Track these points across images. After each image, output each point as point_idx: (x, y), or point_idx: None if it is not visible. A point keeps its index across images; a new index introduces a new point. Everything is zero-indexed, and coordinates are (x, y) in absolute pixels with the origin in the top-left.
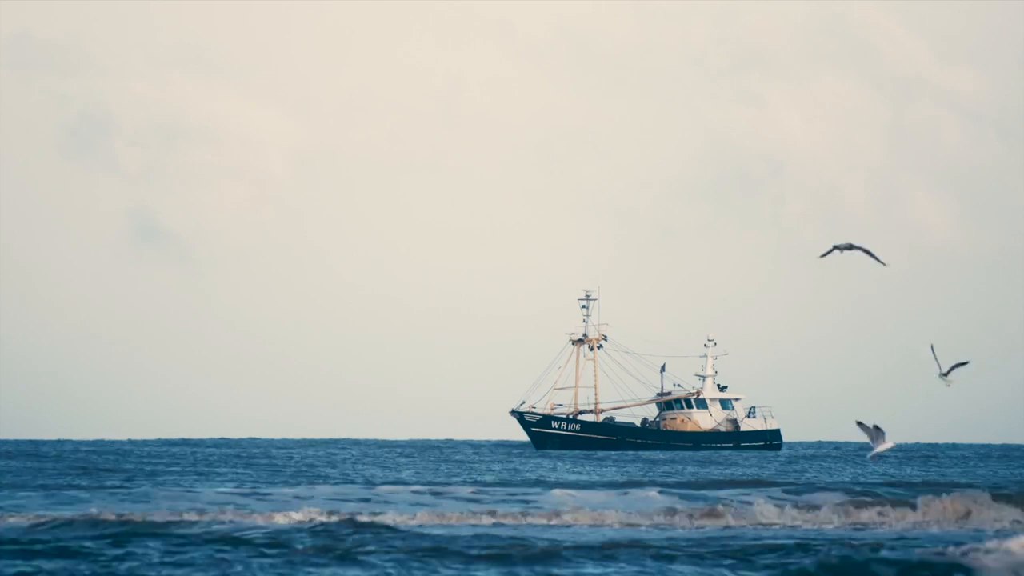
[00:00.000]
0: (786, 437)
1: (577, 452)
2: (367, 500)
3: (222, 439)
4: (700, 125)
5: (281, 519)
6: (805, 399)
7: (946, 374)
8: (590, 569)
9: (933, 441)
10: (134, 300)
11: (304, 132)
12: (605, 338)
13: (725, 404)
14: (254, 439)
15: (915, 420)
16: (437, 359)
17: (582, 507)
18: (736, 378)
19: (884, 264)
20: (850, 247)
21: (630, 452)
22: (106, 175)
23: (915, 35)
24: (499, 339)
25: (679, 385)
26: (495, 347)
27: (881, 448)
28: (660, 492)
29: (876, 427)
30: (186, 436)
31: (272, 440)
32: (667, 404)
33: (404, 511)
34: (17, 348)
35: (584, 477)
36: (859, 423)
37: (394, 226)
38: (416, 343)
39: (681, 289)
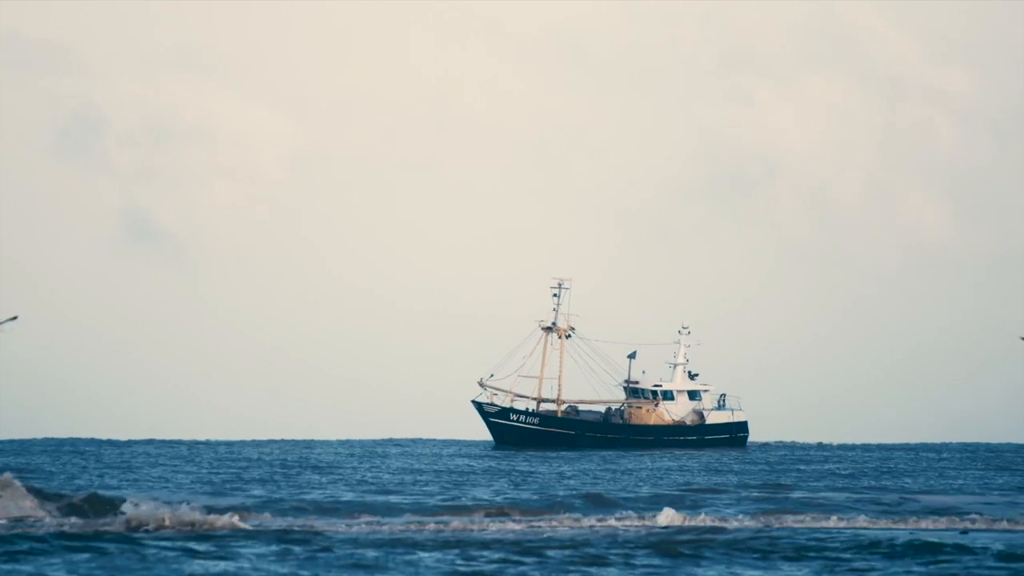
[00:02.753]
0: (767, 436)
1: (573, 452)
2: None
3: (201, 440)
4: (694, 126)
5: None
6: (796, 399)
7: None
8: None
9: (931, 441)
10: (130, 299)
11: (299, 132)
12: (573, 329)
13: (693, 395)
14: (240, 440)
15: (913, 420)
16: (437, 359)
17: None
18: (724, 376)
19: None
20: None
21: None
22: (100, 175)
23: (907, 35)
24: (498, 339)
25: (645, 373)
26: (493, 347)
27: None
28: None
29: None
30: (185, 437)
31: (261, 441)
32: (632, 392)
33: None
34: (13, 347)
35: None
36: None
37: (390, 226)
38: (414, 343)
39: (680, 288)
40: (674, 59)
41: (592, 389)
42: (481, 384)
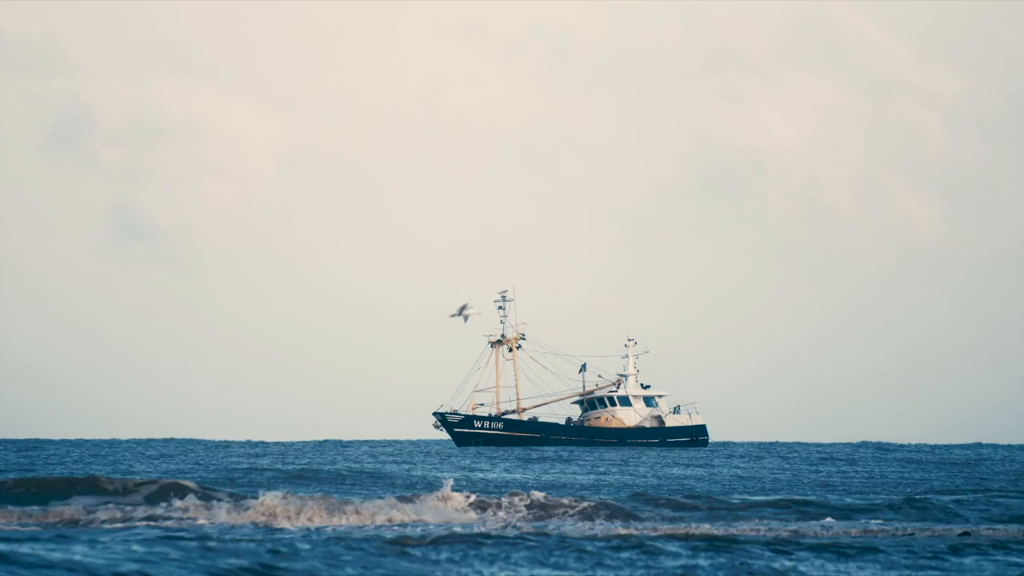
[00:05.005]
0: (771, 436)
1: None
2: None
3: (184, 440)
4: (683, 126)
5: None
6: (794, 398)
7: None
8: None
9: (926, 442)
10: (122, 297)
11: (289, 131)
12: (523, 337)
13: (648, 401)
14: (224, 440)
15: (910, 420)
16: (434, 359)
17: None
18: (722, 374)
19: None
20: None
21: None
22: (90, 174)
23: (894, 35)
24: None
25: (601, 376)
26: (487, 346)
27: None
28: None
29: None
30: (178, 436)
31: (253, 441)
32: (590, 403)
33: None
34: (9, 347)
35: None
36: None
37: (380, 226)
38: (408, 343)
39: (675, 288)
40: (662, 59)
41: (541, 395)
42: (436, 414)
